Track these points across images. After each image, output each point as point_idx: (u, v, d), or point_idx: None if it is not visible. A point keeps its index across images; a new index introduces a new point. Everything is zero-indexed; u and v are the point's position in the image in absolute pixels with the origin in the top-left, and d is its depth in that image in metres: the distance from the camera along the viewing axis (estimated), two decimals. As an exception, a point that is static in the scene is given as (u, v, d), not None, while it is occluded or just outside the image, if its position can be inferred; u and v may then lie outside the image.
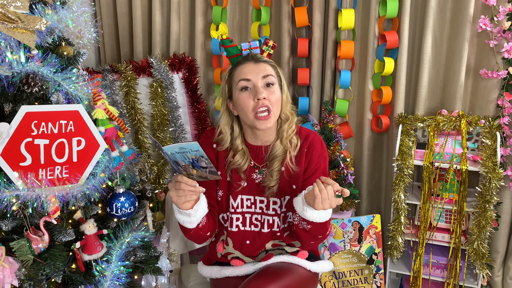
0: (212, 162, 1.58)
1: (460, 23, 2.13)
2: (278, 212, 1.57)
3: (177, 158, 1.22)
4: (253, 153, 1.57)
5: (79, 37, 1.43)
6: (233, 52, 1.49)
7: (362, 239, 2.16)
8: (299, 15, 2.27)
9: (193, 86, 2.49)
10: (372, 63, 2.29)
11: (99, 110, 1.29)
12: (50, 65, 1.18)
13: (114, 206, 1.32)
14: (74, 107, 1.21)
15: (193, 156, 1.19)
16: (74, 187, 1.21)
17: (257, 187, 1.57)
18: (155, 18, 2.53)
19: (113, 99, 2.26)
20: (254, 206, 1.58)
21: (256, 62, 1.48)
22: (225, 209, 1.60)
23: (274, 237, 1.60)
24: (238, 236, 1.59)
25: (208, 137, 1.62)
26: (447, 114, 2.16)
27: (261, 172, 1.56)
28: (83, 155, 1.24)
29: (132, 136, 2.35)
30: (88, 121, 1.24)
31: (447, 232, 2.15)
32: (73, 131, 1.22)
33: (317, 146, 1.56)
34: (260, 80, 1.45)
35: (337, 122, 2.40)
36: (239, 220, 1.59)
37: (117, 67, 2.31)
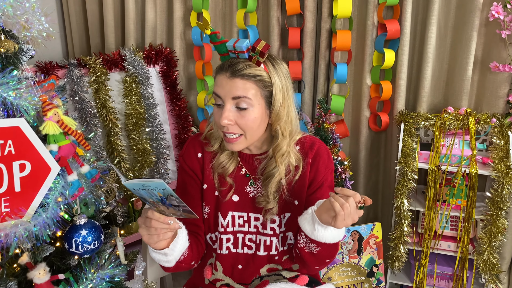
0: (197, 175, 1.29)
1: (467, 11, 1.85)
2: (276, 232, 1.28)
3: (143, 194, 0.92)
4: (245, 162, 1.28)
5: (26, 28, 1.10)
6: (222, 50, 1.16)
7: (361, 250, 1.90)
8: (290, 1, 1.95)
9: (172, 80, 2.17)
10: (370, 55, 2.00)
11: (49, 123, 0.96)
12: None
13: (73, 242, 1.01)
14: (14, 122, 0.89)
15: (161, 194, 0.90)
16: (17, 225, 0.90)
17: (251, 202, 1.27)
18: (128, 5, 2.17)
19: (80, 97, 1.92)
20: (247, 224, 1.29)
21: (231, 75, 1.11)
22: (213, 229, 1.30)
23: (270, 260, 1.32)
24: (228, 260, 1.31)
25: (192, 143, 1.31)
26: (454, 111, 1.90)
27: (253, 184, 1.28)
28: (29, 183, 0.93)
29: (104, 139, 2.02)
30: (34, 139, 0.92)
31: (453, 241, 1.91)
32: (13, 153, 0.89)
33: (323, 157, 1.27)
34: (229, 101, 1.12)
35: (332, 120, 2.12)
36: (230, 241, 1.29)
37: (85, 60, 1.97)
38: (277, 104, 1.16)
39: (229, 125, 1.13)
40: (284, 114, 1.18)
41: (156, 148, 2.11)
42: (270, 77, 1.14)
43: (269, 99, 1.16)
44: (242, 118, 1.13)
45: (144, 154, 2.08)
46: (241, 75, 1.11)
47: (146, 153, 2.09)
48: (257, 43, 1.09)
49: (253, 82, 1.12)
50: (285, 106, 1.18)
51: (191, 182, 1.27)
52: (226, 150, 1.25)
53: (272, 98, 1.15)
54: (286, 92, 1.18)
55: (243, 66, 1.12)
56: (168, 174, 2.14)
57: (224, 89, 1.12)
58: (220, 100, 1.14)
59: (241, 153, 1.28)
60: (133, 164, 2.08)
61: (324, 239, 1.13)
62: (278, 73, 1.16)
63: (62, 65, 1.93)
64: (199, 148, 1.29)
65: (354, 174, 2.14)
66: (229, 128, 1.14)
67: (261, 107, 1.15)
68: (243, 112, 1.13)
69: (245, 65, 1.12)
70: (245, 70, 1.11)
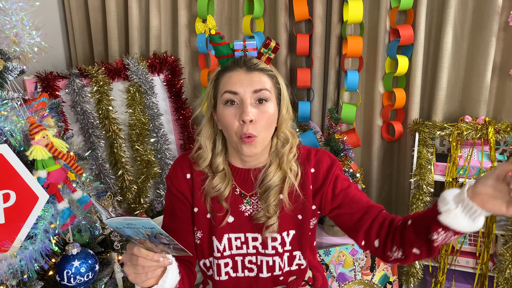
0: (186, 198, 1.18)
1: (485, 15, 1.74)
2: (279, 251, 1.17)
3: (127, 232, 0.82)
4: (239, 178, 1.16)
5: (15, 42, 1.02)
6: (224, 52, 1.08)
7: (375, 267, 1.80)
8: (298, 7, 1.86)
9: (176, 89, 2.08)
10: (382, 62, 1.89)
11: (37, 148, 0.87)
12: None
13: (65, 273, 0.93)
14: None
15: (149, 232, 0.80)
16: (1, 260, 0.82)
17: (248, 221, 1.16)
18: (132, 12, 2.09)
19: (82, 108, 1.84)
20: (245, 245, 1.17)
21: (248, 70, 1.06)
22: (207, 254, 1.18)
23: (276, 283, 1.22)
24: (229, 285, 1.20)
25: (180, 164, 1.20)
26: (471, 121, 1.79)
27: (249, 202, 1.18)
28: (14, 214, 0.84)
29: (106, 150, 1.94)
30: (19, 166, 0.83)
31: (472, 257, 1.80)
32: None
33: (325, 159, 1.16)
34: (250, 95, 1.04)
35: (343, 129, 2.02)
36: (229, 266, 1.18)
37: (87, 70, 1.89)
38: (284, 105, 1.10)
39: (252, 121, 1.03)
40: (288, 117, 1.13)
41: (161, 159, 2.02)
42: (276, 76, 1.10)
43: (279, 98, 1.11)
44: (262, 114, 1.05)
45: (149, 165, 2.00)
46: (259, 69, 1.07)
47: (151, 165, 2.00)
48: (268, 40, 1.07)
49: (268, 77, 1.08)
50: (289, 110, 1.13)
51: (180, 205, 1.16)
52: (218, 172, 1.14)
53: (281, 96, 1.10)
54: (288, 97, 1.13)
55: (257, 62, 1.08)
56: (173, 186, 2.05)
57: (243, 84, 1.04)
58: (237, 97, 1.05)
59: (235, 169, 1.16)
60: (137, 176, 1.99)
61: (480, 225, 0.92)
62: (280, 76, 1.13)
63: (63, 75, 1.85)
64: (188, 168, 1.17)
65: (366, 184, 2.03)
66: (250, 128, 1.03)
67: (274, 105, 1.08)
68: (263, 107, 1.05)
69: (258, 61, 1.09)
70: (261, 65, 1.08)
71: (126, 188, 1.94)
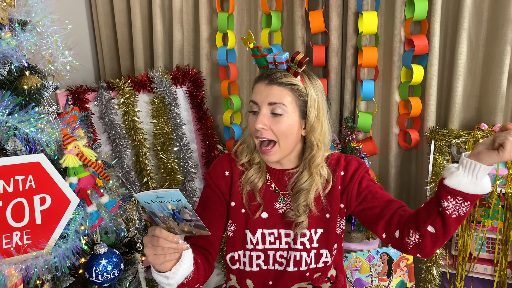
0: (223, 193, 1.28)
1: (500, 24, 1.78)
2: (307, 247, 1.26)
3: (154, 208, 0.90)
4: (275, 178, 1.29)
5: (50, 62, 1.15)
6: (262, 64, 1.21)
7: (391, 273, 1.85)
8: (314, 19, 1.95)
9: (198, 100, 2.20)
10: (398, 71, 1.95)
11: (69, 156, 0.99)
12: (2, 106, 0.89)
13: (93, 271, 1.04)
14: (34, 158, 0.92)
15: (174, 206, 0.88)
16: (38, 257, 0.93)
17: (281, 218, 1.27)
18: (156, 27, 2.23)
19: (110, 119, 1.98)
20: (278, 241, 1.28)
21: (268, 83, 1.17)
22: (238, 246, 1.28)
23: (301, 278, 1.29)
24: (260, 277, 1.29)
25: (221, 162, 1.32)
26: (487, 128, 1.82)
27: (283, 200, 1.27)
28: (49, 215, 0.96)
29: (132, 159, 2.07)
30: (53, 173, 0.95)
31: (490, 264, 1.82)
32: (34, 187, 0.93)
33: (353, 162, 1.28)
34: (265, 107, 1.16)
35: (360, 137, 2.08)
36: (261, 258, 1.28)
37: (114, 83, 2.03)
38: (312, 115, 1.19)
39: (263, 129, 1.16)
40: (318, 126, 1.22)
41: (183, 167, 2.14)
42: (305, 89, 1.19)
43: (304, 110, 1.20)
44: (277, 124, 1.16)
45: (172, 173, 2.11)
46: (279, 83, 1.17)
47: (174, 172, 2.11)
48: (296, 54, 1.15)
49: (289, 90, 1.17)
50: (320, 119, 1.22)
51: (215, 198, 1.28)
52: (255, 165, 1.26)
53: (307, 109, 1.19)
54: (322, 105, 1.22)
55: (281, 75, 1.17)
56: (195, 193, 2.16)
57: (261, 96, 1.17)
58: (257, 107, 1.18)
59: (271, 169, 1.28)
60: (161, 183, 2.11)
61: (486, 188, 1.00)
62: (314, 86, 1.21)
63: (92, 88, 1.99)
64: (227, 166, 1.30)
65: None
66: (263, 133, 1.16)
67: (296, 116, 1.18)
68: (278, 118, 1.16)
69: (283, 74, 1.18)
70: (283, 78, 1.17)
71: (150, 195, 2.06)
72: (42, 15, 1.10)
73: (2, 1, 0.98)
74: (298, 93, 1.18)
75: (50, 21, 1.12)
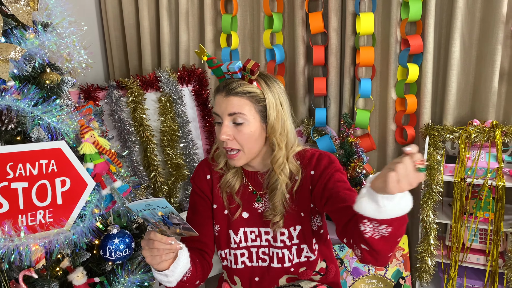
0: (206, 196, 1.38)
1: (491, 24, 1.89)
2: (287, 244, 1.35)
3: (146, 215, 1.02)
4: (251, 179, 1.37)
5: (68, 60, 1.28)
6: (218, 74, 1.27)
7: (387, 263, 1.96)
8: (314, 20, 2.07)
9: (203, 99, 2.32)
10: (394, 70, 2.07)
11: (86, 144, 1.12)
12: (29, 98, 1.02)
13: (107, 249, 1.16)
14: (56, 144, 1.05)
15: (162, 213, 0.99)
16: (59, 233, 1.05)
17: (260, 217, 1.36)
18: (163, 29, 2.37)
19: (119, 116, 2.11)
20: (259, 239, 1.37)
21: (226, 95, 1.23)
22: (224, 245, 1.39)
23: (287, 272, 1.40)
24: (245, 273, 1.39)
25: (201, 167, 1.42)
26: (480, 124, 1.93)
27: (260, 199, 1.37)
28: (69, 197, 1.08)
29: (140, 154, 2.20)
30: (73, 159, 1.08)
31: (482, 254, 1.93)
32: (56, 170, 1.06)
33: (324, 161, 1.30)
34: (226, 118, 1.22)
35: (358, 134, 2.19)
36: (245, 256, 1.38)
37: (123, 82, 2.16)
38: (271, 118, 1.24)
39: (228, 140, 1.22)
40: (279, 127, 1.26)
41: (189, 162, 2.26)
42: (263, 93, 1.24)
43: (264, 114, 1.25)
44: (239, 132, 1.22)
45: (178, 168, 2.24)
46: (235, 93, 1.21)
47: (180, 167, 2.24)
48: (247, 63, 1.19)
49: (246, 99, 1.22)
50: (280, 119, 1.26)
51: (201, 202, 1.38)
52: (231, 169, 1.35)
53: (266, 112, 1.24)
54: (281, 106, 1.27)
55: (236, 85, 1.22)
56: (201, 188, 2.28)
57: (221, 107, 1.23)
58: (219, 118, 1.25)
59: (246, 171, 1.36)
60: (167, 177, 2.24)
61: (393, 212, 0.95)
62: (271, 89, 1.26)
63: (103, 87, 2.12)
64: (208, 170, 1.39)
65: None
66: (228, 143, 1.23)
67: (256, 122, 1.24)
68: (239, 127, 1.22)
69: (238, 83, 1.22)
70: (238, 88, 1.22)
71: (158, 188, 2.19)
72: (61, 17, 1.23)
73: (26, 5, 1.11)
74: (256, 99, 1.22)
75: (68, 23, 1.25)
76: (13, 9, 1.08)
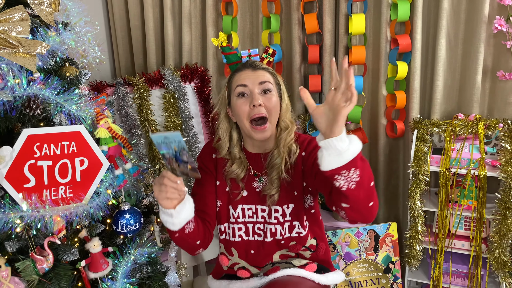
0: (211, 171, 1.55)
1: (475, 24, 2.06)
2: (280, 221, 1.52)
3: (163, 149, 1.16)
4: (252, 161, 1.54)
5: (83, 56, 1.45)
6: (233, 59, 1.48)
7: (378, 248, 2.12)
8: (309, 21, 2.25)
9: (205, 95, 2.49)
10: (385, 67, 2.24)
11: (101, 129, 1.30)
12: (52, 87, 1.19)
13: (119, 223, 1.33)
14: (76, 128, 1.22)
15: (176, 148, 1.13)
16: (78, 207, 1.22)
17: (258, 196, 1.53)
18: (167, 30, 2.55)
19: (126, 111, 2.28)
20: (255, 215, 1.55)
21: (254, 69, 1.45)
22: (224, 220, 1.56)
23: (279, 246, 1.57)
24: (242, 246, 1.57)
25: (207, 146, 1.61)
26: (464, 118, 2.09)
27: (261, 180, 1.53)
28: (87, 175, 1.26)
29: (146, 147, 2.37)
30: (90, 141, 1.25)
31: (467, 240, 2.08)
32: (76, 151, 1.23)
33: (313, 143, 1.49)
34: (257, 86, 1.41)
35: (351, 128, 2.36)
36: (242, 230, 1.56)
37: (130, 79, 2.34)
38: (285, 98, 1.47)
39: (260, 106, 1.39)
40: (288, 109, 1.49)
41: (192, 156, 2.42)
42: (275, 74, 1.48)
43: (279, 92, 1.47)
44: (268, 100, 1.42)
45: (181, 161, 2.40)
46: (262, 68, 1.46)
47: (183, 161, 2.40)
48: (268, 48, 1.46)
49: (270, 74, 1.46)
50: (287, 103, 1.49)
51: (206, 177, 1.55)
52: (236, 160, 1.52)
53: (281, 93, 1.47)
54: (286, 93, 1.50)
55: (260, 63, 1.47)
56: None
57: (250, 78, 1.43)
58: (247, 89, 1.42)
59: (249, 154, 1.54)
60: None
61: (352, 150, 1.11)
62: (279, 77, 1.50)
63: (111, 83, 2.30)
64: (214, 150, 1.58)
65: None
66: (260, 110, 1.40)
67: (277, 96, 1.45)
68: (268, 95, 1.42)
69: (260, 63, 1.47)
70: (263, 65, 1.47)
71: (162, 179, 2.36)
72: (78, 17, 1.41)
73: (49, 7, 1.28)
74: (275, 78, 1.46)
75: (84, 22, 1.42)
76: (38, 11, 1.25)
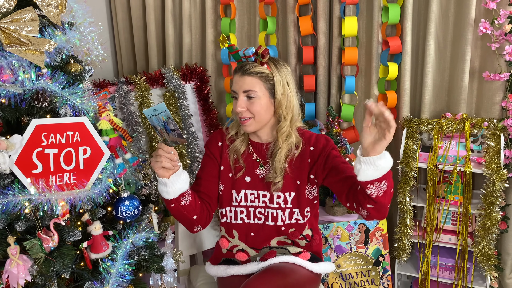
0: (216, 158, 1.69)
1: (462, 27, 2.17)
2: (282, 206, 1.65)
3: (154, 122, 1.33)
4: (256, 149, 1.68)
5: (87, 54, 1.57)
6: (237, 58, 1.60)
7: (368, 241, 2.23)
8: (303, 23, 2.37)
9: (204, 94, 2.62)
10: (376, 68, 2.36)
11: (103, 121, 1.43)
12: (58, 82, 1.32)
13: (119, 209, 1.45)
14: (80, 119, 1.35)
15: (164, 118, 1.29)
16: (81, 192, 1.34)
17: (261, 182, 1.66)
18: (168, 31, 2.68)
19: (128, 109, 2.41)
20: (257, 200, 1.67)
21: (241, 75, 1.57)
22: (226, 203, 1.68)
23: (278, 232, 1.69)
24: (243, 229, 1.69)
25: (215, 135, 1.74)
26: (451, 117, 2.20)
27: (262, 167, 1.66)
28: (89, 163, 1.38)
29: (146, 144, 2.49)
30: (93, 132, 1.38)
31: (453, 234, 2.19)
32: (79, 141, 1.36)
33: (322, 140, 1.63)
34: (241, 94, 1.56)
35: (344, 126, 2.48)
36: (243, 213, 1.68)
37: (132, 78, 2.47)
38: (278, 94, 1.58)
39: (243, 111, 1.56)
40: (285, 102, 1.59)
41: (191, 152, 2.56)
42: (272, 74, 1.57)
43: (272, 91, 1.58)
44: (251, 105, 1.56)
45: (180, 157, 2.53)
46: (248, 73, 1.56)
47: (182, 157, 2.53)
48: (258, 48, 1.54)
49: (257, 78, 1.55)
50: (286, 95, 1.60)
51: (210, 162, 1.70)
52: (240, 136, 1.67)
53: (275, 89, 1.57)
54: (287, 85, 1.60)
55: (250, 67, 1.57)
56: (200, 176, 2.57)
57: (237, 85, 1.58)
58: (236, 94, 1.59)
59: (253, 142, 1.68)
60: (170, 166, 2.53)
61: (386, 166, 1.31)
62: (280, 71, 1.59)
63: (113, 82, 2.43)
64: (220, 138, 1.72)
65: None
66: (243, 113, 1.57)
67: (266, 97, 1.57)
68: (251, 100, 1.56)
69: (252, 65, 1.57)
70: (251, 69, 1.56)
71: (161, 175, 2.48)
72: (82, 18, 1.54)
73: (56, 8, 1.41)
74: (265, 79, 1.56)
75: (88, 23, 1.55)
76: (46, 12, 1.38)
